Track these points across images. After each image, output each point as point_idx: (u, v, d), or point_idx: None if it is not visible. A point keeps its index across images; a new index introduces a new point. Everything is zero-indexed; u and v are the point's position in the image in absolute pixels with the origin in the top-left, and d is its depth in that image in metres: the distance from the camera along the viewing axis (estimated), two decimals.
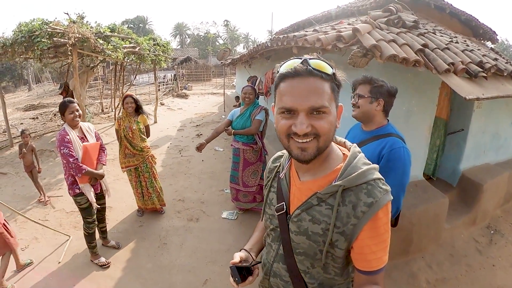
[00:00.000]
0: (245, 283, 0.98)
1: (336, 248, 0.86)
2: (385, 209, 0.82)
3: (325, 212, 0.85)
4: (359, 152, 0.91)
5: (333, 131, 0.82)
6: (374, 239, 0.82)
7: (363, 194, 0.81)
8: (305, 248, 0.91)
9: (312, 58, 0.80)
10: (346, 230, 0.83)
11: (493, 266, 3.15)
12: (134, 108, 3.50)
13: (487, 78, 2.47)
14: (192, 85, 21.81)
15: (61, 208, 4.05)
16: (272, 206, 1.01)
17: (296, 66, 0.78)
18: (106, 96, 12.22)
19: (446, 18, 5.10)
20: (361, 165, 0.85)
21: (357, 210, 0.81)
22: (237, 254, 1.04)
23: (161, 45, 8.42)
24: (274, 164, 1.10)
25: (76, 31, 5.00)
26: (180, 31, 54.53)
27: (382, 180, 0.85)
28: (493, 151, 4.30)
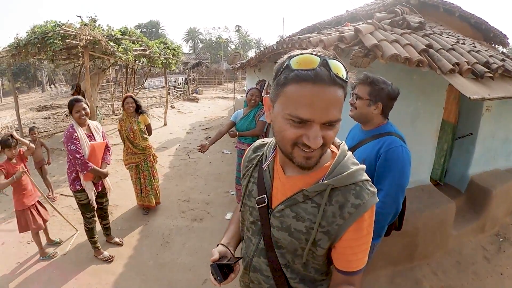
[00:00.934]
0: (227, 281, 0.93)
1: (318, 247, 0.84)
2: (371, 212, 0.81)
3: (311, 210, 0.83)
4: (347, 151, 0.89)
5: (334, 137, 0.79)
6: (357, 241, 0.82)
7: (351, 195, 0.80)
8: (285, 244, 0.89)
9: (331, 58, 0.70)
10: (330, 230, 0.81)
11: (501, 274, 3.05)
12: (134, 108, 3.58)
13: (493, 79, 2.41)
14: (203, 89, 22.05)
15: (68, 204, 4.14)
16: (252, 197, 0.97)
17: (318, 71, 0.67)
18: (117, 99, 12.47)
19: (455, 21, 5.02)
20: (350, 165, 0.83)
21: (343, 211, 0.79)
22: (216, 250, 0.99)
23: (172, 48, 8.55)
24: (256, 153, 1.05)
25: (87, 33, 5.15)
26: (192, 36, 55.22)
27: (370, 182, 0.84)
28: (503, 156, 4.18)
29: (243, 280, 1.08)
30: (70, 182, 2.72)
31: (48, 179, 4.38)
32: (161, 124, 9.63)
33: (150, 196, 3.88)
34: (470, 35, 5.00)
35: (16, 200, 2.81)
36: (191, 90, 19.31)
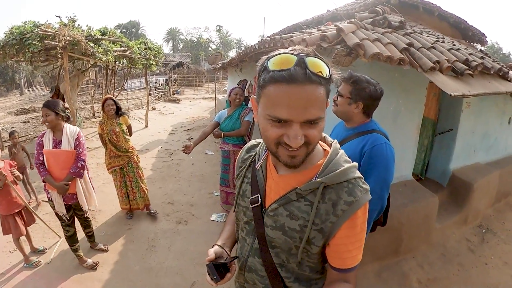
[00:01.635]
0: (224, 281, 0.93)
1: (312, 245, 0.84)
2: (364, 209, 0.82)
3: (304, 208, 0.83)
4: (340, 149, 0.89)
5: (320, 136, 0.78)
6: (351, 238, 0.82)
7: (344, 192, 0.80)
8: (280, 243, 0.88)
9: (308, 55, 0.69)
10: (324, 228, 0.81)
11: (486, 264, 3.15)
12: (115, 110, 3.50)
13: (473, 76, 2.48)
14: (184, 90, 21.86)
15: (50, 211, 3.97)
16: (246, 198, 0.97)
17: (292, 71, 0.66)
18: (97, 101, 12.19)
19: (435, 20, 5.17)
20: (342, 163, 0.84)
21: (337, 208, 0.80)
22: (212, 250, 0.99)
23: (152, 49, 8.42)
24: (249, 154, 1.05)
25: (66, 33, 4.99)
26: (172, 36, 54.67)
27: (362, 179, 0.84)
28: (483, 151, 4.32)
29: (238, 281, 1.08)
30: (44, 189, 2.63)
31: (31, 184, 4.24)
32: (142, 126, 9.48)
33: (138, 199, 3.80)
34: (449, 34, 5.16)
35: (0, 205, 2.71)
36: (172, 91, 19.14)
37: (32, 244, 3.11)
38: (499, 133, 4.48)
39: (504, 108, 4.35)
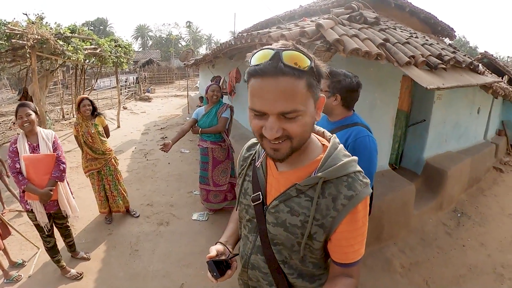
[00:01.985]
0: (224, 278, 0.95)
1: (314, 241, 0.84)
2: (364, 202, 0.81)
3: (304, 204, 0.83)
4: (339, 143, 0.89)
5: (309, 129, 0.78)
6: (352, 232, 0.82)
7: (343, 186, 0.80)
8: (282, 240, 0.89)
9: (287, 49, 0.70)
10: (325, 223, 0.81)
11: (463, 246, 3.34)
12: (91, 111, 3.34)
13: (446, 69, 2.60)
14: (155, 88, 21.38)
15: (26, 221, 3.77)
16: (248, 196, 0.98)
17: (264, 64, 0.68)
18: (66, 102, 11.62)
19: (405, 16, 5.35)
20: (341, 157, 0.83)
21: (337, 203, 0.80)
22: (213, 247, 1.01)
23: (123, 46, 8.13)
24: (249, 152, 1.05)
25: (35, 32, 4.68)
26: (141, 33, 53.30)
27: (362, 173, 0.84)
28: (454, 139, 4.56)
29: (242, 278, 1.08)
30: (21, 201, 2.44)
31: (12, 191, 3.98)
32: (114, 126, 9.13)
33: (118, 201, 3.68)
34: (419, 29, 5.36)
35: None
36: (143, 89, 18.65)
37: (10, 258, 2.90)
38: (468, 123, 4.75)
39: (473, 99, 4.61)
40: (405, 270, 2.94)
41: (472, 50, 37.43)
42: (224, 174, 3.65)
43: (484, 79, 3.01)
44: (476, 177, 4.76)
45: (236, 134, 5.01)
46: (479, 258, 3.19)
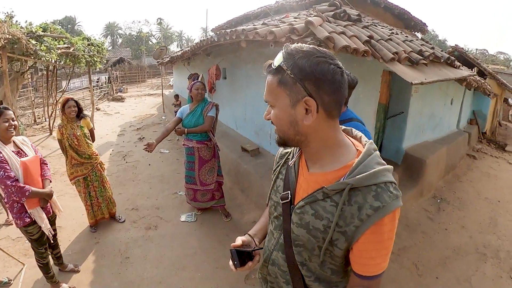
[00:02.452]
0: (244, 268, 0.98)
1: (335, 247, 0.83)
2: (392, 216, 0.77)
3: (329, 208, 0.82)
4: (375, 150, 0.85)
5: (284, 123, 0.82)
6: (375, 245, 0.79)
7: (370, 196, 0.76)
8: (304, 241, 0.88)
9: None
10: (347, 231, 0.79)
11: (446, 230, 3.56)
12: (76, 113, 3.18)
13: (427, 65, 2.72)
14: (127, 87, 20.80)
15: (6, 235, 3.53)
16: (278, 193, 0.98)
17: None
18: (37, 105, 10.96)
19: (380, 12, 5.52)
20: (374, 165, 0.80)
21: (362, 212, 0.77)
22: (240, 238, 1.05)
23: (96, 45, 7.79)
24: (286, 150, 1.05)
25: (6, 31, 4.33)
26: (111, 31, 51.44)
27: (394, 184, 0.80)
28: (430, 130, 4.80)
29: (261, 272, 1.10)
30: (15, 217, 2.25)
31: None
32: None
33: (103, 208, 3.53)
34: (393, 24, 5.56)
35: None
36: (115, 89, 18.05)
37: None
38: (443, 113, 5.02)
39: (447, 90, 4.87)
40: (394, 256, 3.08)
41: (441, 43, 39.18)
42: (211, 173, 3.61)
43: (461, 73, 3.19)
44: (452, 165, 5.05)
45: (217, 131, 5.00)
46: (462, 240, 3.41)
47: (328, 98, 0.78)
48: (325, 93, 0.77)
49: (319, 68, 0.75)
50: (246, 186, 4.14)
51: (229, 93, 5.73)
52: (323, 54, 0.76)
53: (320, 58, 0.75)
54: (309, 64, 0.75)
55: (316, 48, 0.78)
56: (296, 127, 0.81)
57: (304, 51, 0.76)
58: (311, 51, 0.76)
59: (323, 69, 0.75)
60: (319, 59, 0.75)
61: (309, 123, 0.79)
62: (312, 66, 0.75)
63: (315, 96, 0.77)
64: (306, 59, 0.75)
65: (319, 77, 0.75)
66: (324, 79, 0.75)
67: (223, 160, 3.94)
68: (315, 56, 0.75)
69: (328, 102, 0.78)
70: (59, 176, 5.34)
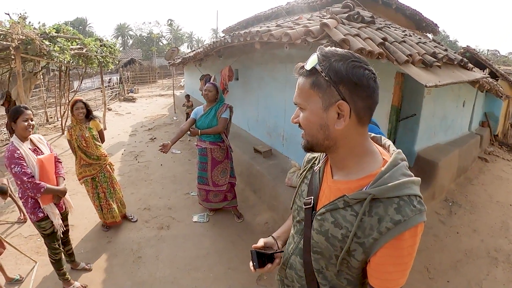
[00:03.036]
0: (264, 269, 0.99)
1: (352, 258, 0.81)
2: (414, 231, 0.73)
3: (349, 218, 0.80)
4: (402, 160, 0.81)
5: (313, 127, 0.81)
6: (394, 259, 0.76)
7: (392, 209, 0.73)
8: (322, 249, 0.88)
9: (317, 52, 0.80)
10: (366, 242, 0.77)
11: (457, 233, 3.52)
12: (85, 114, 3.23)
13: (440, 67, 2.69)
14: (138, 87, 21.05)
15: (18, 233, 3.61)
16: (302, 198, 0.98)
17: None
18: (49, 105, 11.14)
19: (391, 13, 5.48)
20: (399, 176, 0.76)
21: (381, 225, 0.74)
22: (262, 239, 1.07)
23: (108, 46, 7.91)
24: (313, 155, 1.05)
25: (20, 32, 4.42)
26: (122, 32, 52.07)
27: (419, 198, 0.76)
28: (442, 132, 4.75)
29: (280, 275, 1.10)
30: (29, 211, 2.33)
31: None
32: None
33: (113, 211, 3.54)
34: (404, 25, 5.51)
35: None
36: (127, 89, 18.26)
37: (6, 274, 2.75)
38: (455, 115, 4.95)
39: (459, 92, 4.81)
40: None
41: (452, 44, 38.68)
42: (223, 174, 3.62)
43: (474, 75, 3.15)
44: (464, 167, 4.99)
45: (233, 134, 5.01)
46: (473, 244, 3.37)
47: (361, 104, 0.77)
48: (359, 98, 0.76)
49: (354, 72, 0.74)
50: (258, 188, 4.15)
51: (241, 94, 5.75)
52: (358, 59, 0.76)
53: (355, 63, 0.75)
54: (345, 68, 0.74)
55: (351, 52, 0.78)
56: (327, 131, 0.80)
57: (340, 55, 0.76)
58: (347, 55, 0.76)
59: (358, 74, 0.74)
60: (355, 63, 0.74)
61: (340, 127, 0.78)
62: (348, 70, 0.74)
63: (348, 101, 0.75)
64: (342, 62, 0.74)
65: (354, 82, 0.74)
66: (359, 83, 0.74)
67: (235, 161, 3.96)
68: (350, 60, 0.75)
69: (361, 108, 0.77)
70: (72, 175, 5.40)
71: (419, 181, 0.78)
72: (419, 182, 0.79)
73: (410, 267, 0.79)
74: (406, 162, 0.82)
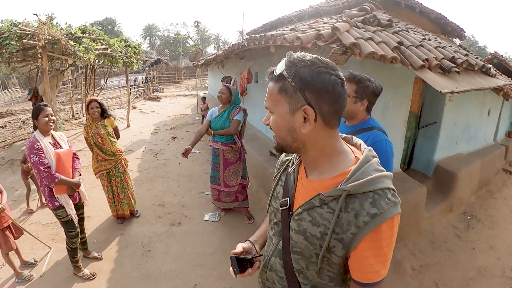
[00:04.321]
0: (244, 275, 1.00)
1: (332, 254, 0.83)
2: (391, 223, 0.76)
3: (326, 215, 0.81)
4: (373, 157, 0.84)
5: (282, 130, 0.84)
6: (374, 252, 0.78)
7: (367, 203, 0.76)
8: (302, 248, 0.89)
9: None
10: (344, 238, 0.79)
11: (473, 249, 3.33)
12: (99, 113, 3.41)
13: (459, 73, 2.59)
14: (164, 87, 21.53)
15: (37, 220, 3.83)
16: (278, 200, 1.00)
17: None
18: (76, 101, 11.71)
19: (415, 16, 5.32)
20: (371, 171, 0.79)
21: (358, 219, 0.76)
22: (240, 244, 1.07)
23: (133, 46, 8.21)
24: (287, 157, 1.07)
25: (46, 32, 4.74)
26: (150, 32, 53.76)
27: (393, 191, 0.79)
28: (464, 141, 4.53)
29: (261, 277, 1.12)
30: (47, 200, 2.51)
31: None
32: (124, 126, 9.17)
33: (124, 205, 3.71)
34: (429, 29, 5.33)
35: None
36: (152, 89, 18.76)
37: (21, 258, 2.95)
38: (479, 125, 4.72)
39: (483, 100, 4.58)
40: (415, 272, 2.94)
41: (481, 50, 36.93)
42: (235, 176, 3.66)
43: (496, 82, 2.99)
44: (486, 179, 4.73)
45: (247, 134, 5.04)
46: (489, 261, 3.18)
47: (327, 108, 0.78)
48: (324, 103, 0.78)
49: (320, 78, 0.76)
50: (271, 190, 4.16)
51: (260, 96, 5.78)
52: (325, 65, 0.77)
53: (321, 69, 0.76)
54: (310, 74, 0.76)
55: (319, 58, 0.79)
56: (294, 134, 0.83)
57: (307, 60, 0.77)
58: (313, 61, 0.77)
59: (324, 80, 0.76)
60: (321, 69, 0.76)
61: (306, 131, 0.80)
62: (313, 76, 0.76)
63: (314, 106, 0.78)
64: (308, 68, 0.76)
65: (319, 87, 0.76)
66: (324, 89, 0.76)
67: (251, 163, 3.98)
68: (317, 66, 0.76)
69: (327, 112, 0.79)
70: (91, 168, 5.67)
71: (391, 176, 0.82)
72: (392, 177, 0.82)
73: (390, 258, 0.81)
74: (377, 159, 0.85)
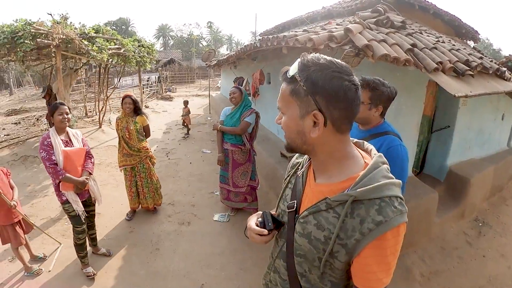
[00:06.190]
0: (271, 236, 0.99)
1: (335, 259, 0.82)
2: (396, 231, 0.75)
3: (331, 220, 0.81)
4: (383, 163, 0.82)
5: (292, 131, 0.84)
6: (377, 259, 0.77)
7: (373, 210, 0.75)
8: (305, 251, 0.88)
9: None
10: (348, 244, 0.78)
11: (484, 257, 3.25)
12: (132, 109, 3.54)
13: (473, 76, 2.54)
14: (176, 87, 21.77)
15: (47, 216, 3.91)
16: (286, 202, 1.00)
17: None
18: (89, 100, 11.92)
19: (429, 18, 5.23)
20: (379, 178, 0.78)
21: (363, 226, 0.75)
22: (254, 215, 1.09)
23: (146, 46, 8.32)
24: (298, 160, 1.06)
25: (60, 31, 4.86)
26: (163, 33, 54.42)
27: (400, 199, 0.78)
28: (478, 146, 4.43)
29: (265, 279, 1.13)
30: (57, 194, 2.58)
31: None
32: None
33: (148, 199, 3.83)
34: (443, 31, 5.23)
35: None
36: (165, 88, 18.96)
37: (31, 252, 3.01)
38: (493, 129, 4.61)
39: (498, 104, 4.47)
40: (424, 279, 2.89)
41: (495, 53, 36.15)
42: (244, 177, 3.67)
43: (511, 86, 2.92)
44: (499, 186, 4.62)
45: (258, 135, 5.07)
46: (499, 270, 3.11)
47: (338, 114, 0.77)
48: (335, 108, 0.76)
49: (332, 83, 0.74)
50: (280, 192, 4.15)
51: (272, 98, 5.78)
52: (339, 69, 0.76)
53: (334, 73, 0.75)
54: (322, 79, 0.74)
55: (334, 61, 0.77)
56: (303, 137, 0.83)
57: (320, 64, 0.76)
58: (327, 65, 0.76)
59: (336, 85, 0.74)
60: (334, 74, 0.75)
61: (315, 135, 0.80)
62: (325, 81, 0.74)
63: (324, 111, 0.76)
64: (321, 72, 0.74)
65: (330, 93, 0.75)
66: (336, 95, 0.75)
67: (261, 164, 3.98)
68: (330, 70, 0.75)
69: (337, 118, 0.78)
70: (104, 166, 5.76)
71: (400, 183, 0.80)
72: (400, 184, 0.80)
73: (394, 266, 0.80)
74: (387, 165, 0.83)
